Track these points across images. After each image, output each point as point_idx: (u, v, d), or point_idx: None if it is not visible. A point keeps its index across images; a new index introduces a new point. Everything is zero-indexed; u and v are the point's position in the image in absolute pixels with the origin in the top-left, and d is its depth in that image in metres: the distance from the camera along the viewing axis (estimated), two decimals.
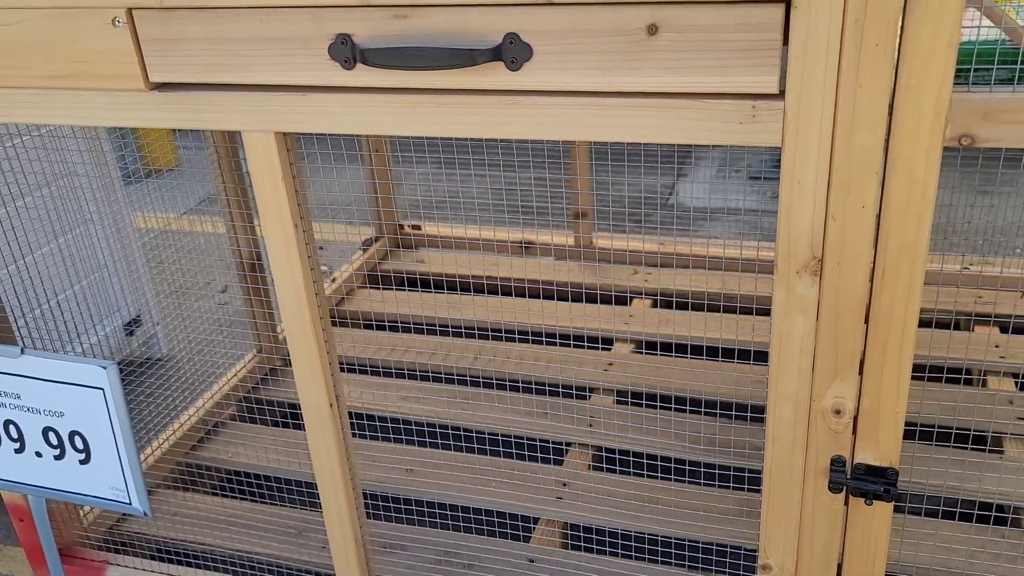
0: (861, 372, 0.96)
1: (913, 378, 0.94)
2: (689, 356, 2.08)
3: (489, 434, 1.89)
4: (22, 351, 1.23)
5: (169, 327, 2.63)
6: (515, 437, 1.88)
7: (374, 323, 2.34)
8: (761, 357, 2.00)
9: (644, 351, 2.16)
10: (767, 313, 0.97)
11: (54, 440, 1.28)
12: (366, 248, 2.64)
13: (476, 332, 2.21)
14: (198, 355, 2.44)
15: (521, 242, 2.60)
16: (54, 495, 1.33)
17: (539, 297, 2.40)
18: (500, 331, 2.23)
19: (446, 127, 0.99)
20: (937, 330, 2.07)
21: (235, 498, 1.78)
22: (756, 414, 1.88)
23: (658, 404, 1.95)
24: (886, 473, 0.99)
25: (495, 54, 0.92)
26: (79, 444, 1.27)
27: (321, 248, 3.25)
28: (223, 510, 1.74)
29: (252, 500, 1.78)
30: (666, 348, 2.14)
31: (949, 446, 1.65)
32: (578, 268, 2.53)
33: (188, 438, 1.90)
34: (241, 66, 1.03)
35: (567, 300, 2.36)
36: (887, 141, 0.85)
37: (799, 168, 0.88)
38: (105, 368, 1.20)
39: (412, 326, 2.34)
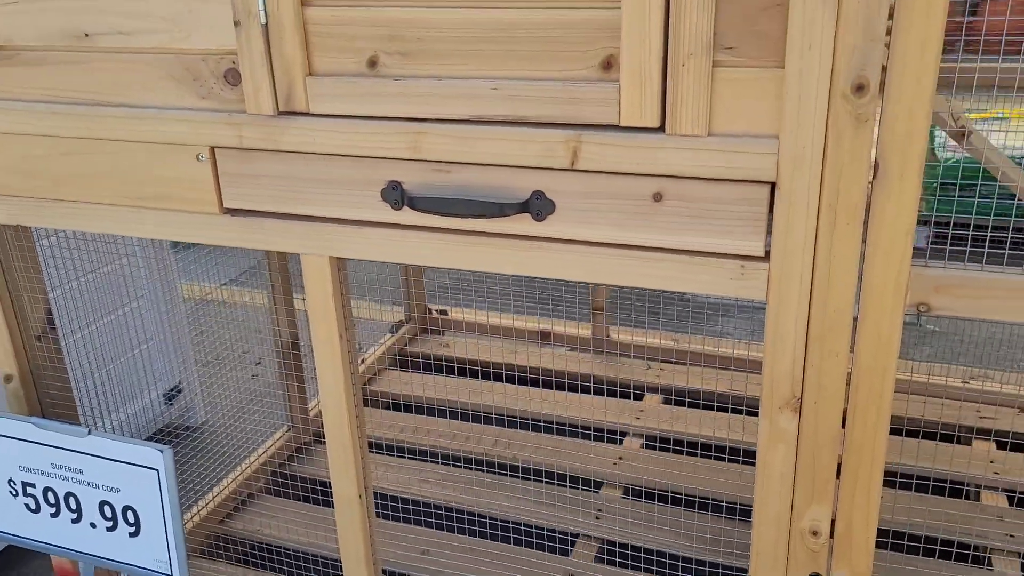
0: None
1: (909, 489, 1.06)
2: (699, 454, 2.18)
3: (501, 521, 2.00)
4: (89, 432, 1.38)
5: (206, 396, 2.78)
6: (526, 525, 1.98)
7: (401, 404, 2.47)
8: None
9: (656, 446, 2.27)
10: None
11: (108, 513, 1.42)
12: (395, 331, 2.79)
13: (495, 418, 2.33)
14: (232, 425, 2.58)
15: (541, 332, 2.73)
16: (102, 563, 1.46)
17: (556, 387, 2.52)
18: (518, 418, 2.35)
19: (477, 262, 1.14)
20: (939, 443, 2.16)
21: (262, 568, 1.89)
22: None
23: (668, 501, 2.05)
24: None
25: (523, 207, 1.08)
26: (131, 518, 1.40)
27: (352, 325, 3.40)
28: None
29: (277, 573, 1.89)
30: (676, 444, 2.24)
31: (936, 559, 1.73)
32: (593, 360, 2.65)
33: (221, 508, 2.03)
34: (305, 200, 1.19)
35: (582, 391, 2.48)
36: (857, 303, 0.98)
37: (781, 320, 1.01)
38: (162, 452, 1.34)
39: (436, 408, 2.47)
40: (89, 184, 1.29)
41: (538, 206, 1.07)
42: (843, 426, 1.05)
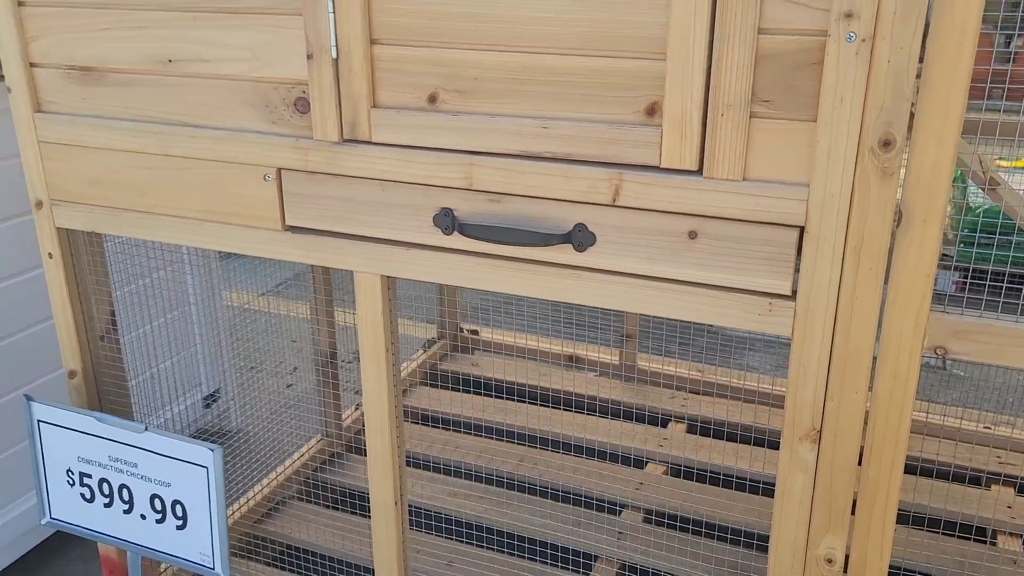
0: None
1: (924, 530, 1.11)
2: (721, 484, 2.22)
3: (526, 538, 2.06)
4: (145, 428, 1.47)
5: (242, 402, 2.87)
6: (548, 544, 2.04)
7: (430, 418, 2.55)
8: None
9: (679, 474, 2.32)
10: None
11: (158, 506, 1.50)
12: (427, 347, 2.87)
13: (523, 437, 2.39)
14: (266, 431, 2.67)
15: (569, 356, 2.80)
16: (149, 553, 1.54)
17: (582, 410, 2.59)
18: (544, 439, 2.41)
19: (520, 287, 1.22)
20: (958, 485, 2.19)
21: (293, 571, 1.97)
22: None
23: (689, 528, 2.10)
24: None
25: (566, 238, 1.15)
26: (179, 512, 1.49)
27: None
28: None
29: (307, 575, 1.97)
30: (698, 472, 2.29)
31: None
32: (620, 386, 2.71)
33: (256, 510, 2.11)
34: (361, 222, 1.28)
35: (607, 416, 2.54)
36: (877, 343, 1.04)
37: (804, 355, 1.08)
38: (212, 451, 1.42)
39: (463, 424, 2.54)
40: (163, 197, 1.39)
41: (580, 237, 1.15)
42: (860, 461, 1.10)
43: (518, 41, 1.12)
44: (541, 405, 2.63)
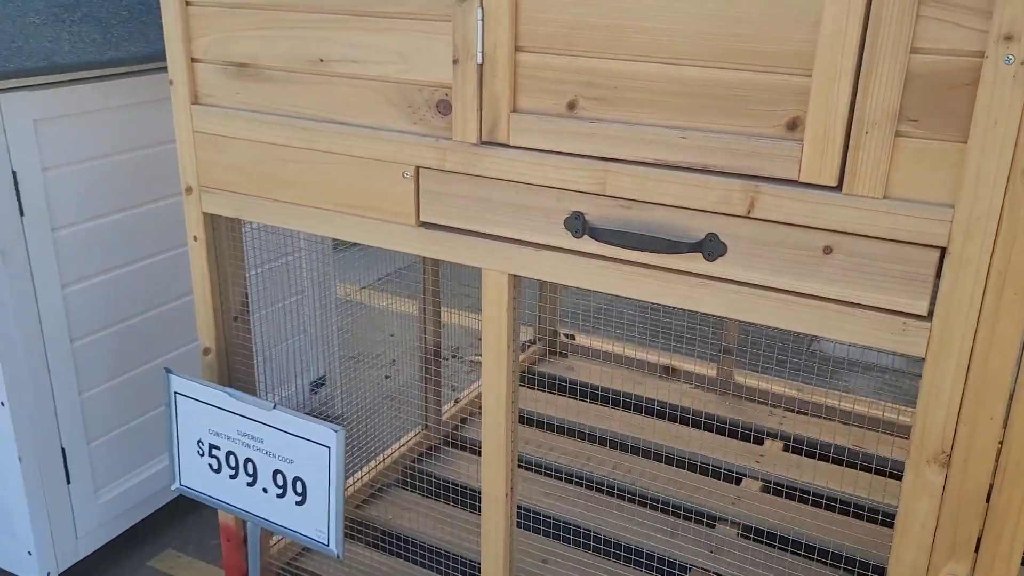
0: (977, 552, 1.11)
1: None
2: (823, 506, 2.19)
3: (618, 542, 2.07)
4: (274, 406, 1.55)
5: (344, 389, 2.98)
6: (644, 551, 2.05)
7: (526, 419, 2.59)
8: (890, 517, 2.10)
9: (774, 491, 2.29)
10: (899, 477, 1.14)
11: (280, 481, 1.58)
12: (524, 348, 2.91)
13: (615, 443, 2.40)
14: (366, 419, 2.76)
15: (665, 367, 2.80)
16: (268, 525, 1.63)
17: (677, 421, 2.58)
18: (636, 447, 2.42)
19: (644, 292, 1.24)
20: None
21: (392, 554, 2.04)
22: (876, 574, 1.97)
23: (788, 547, 2.07)
24: None
25: (696, 247, 1.17)
26: (299, 488, 1.57)
27: (478, 339, 3.56)
28: (381, 564, 2.00)
29: (405, 560, 2.03)
30: (794, 491, 2.26)
31: None
32: (715, 400, 2.69)
33: (358, 494, 2.19)
34: (492, 221, 1.33)
35: (702, 428, 2.53)
36: (1017, 369, 1.03)
37: (938, 378, 1.06)
38: (335, 432, 1.49)
39: (556, 427, 2.57)
40: (305, 189, 1.47)
41: (711, 247, 1.16)
42: (989, 493, 1.08)
43: (659, 52, 1.14)
44: (636, 413, 2.64)
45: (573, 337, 3.02)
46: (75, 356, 1.94)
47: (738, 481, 2.32)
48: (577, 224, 1.25)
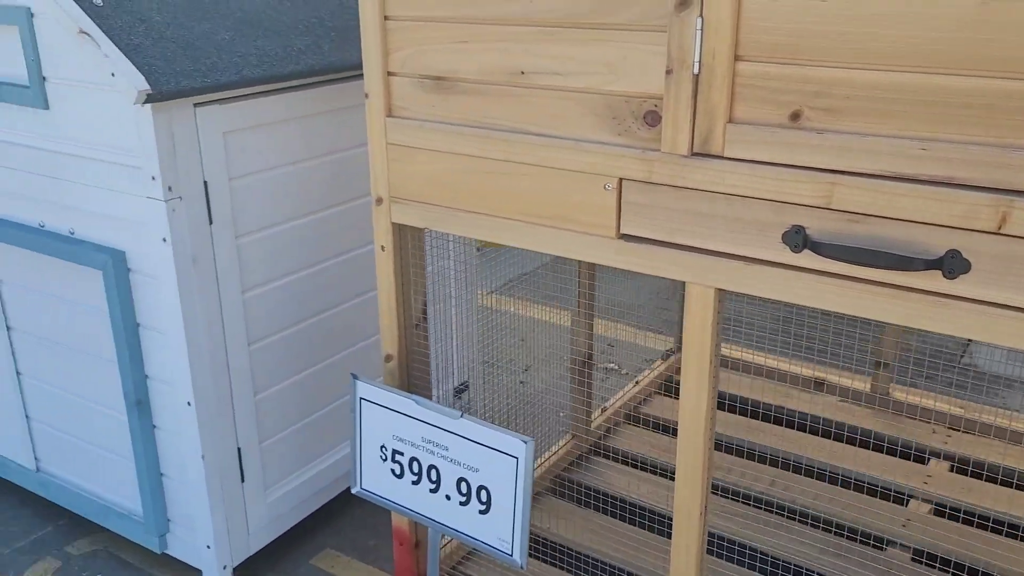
0: None
1: None
2: (1004, 532, 2.07)
3: (781, 561, 2.01)
4: (461, 415, 1.56)
5: (484, 395, 3.00)
6: (806, 570, 1.98)
7: (670, 428, 2.54)
8: None
9: (946, 515, 2.18)
10: None
11: (464, 489, 1.60)
12: (666, 358, 2.87)
13: (759, 458, 2.33)
14: (507, 426, 2.78)
15: (815, 380, 2.70)
16: (449, 532, 1.64)
17: (831, 436, 2.49)
18: (791, 462, 2.34)
19: (871, 310, 1.19)
20: None
21: (546, 563, 2.03)
22: None
23: (965, 574, 1.97)
24: None
25: (935, 264, 1.11)
26: (483, 497, 1.57)
27: (610, 345, 3.53)
28: (542, 572, 1.99)
29: (562, 569, 2.02)
30: (967, 515, 2.14)
31: None
32: (870, 415, 2.58)
33: None
34: (698, 234, 1.30)
35: (858, 445, 2.43)
36: None
37: None
38: (525, 443, 1.49)
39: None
40: (500, 200, 1.48)
41: (952, 264, 1.10)
42: None
43: (899, 61, 1.09)
44: (786, 426, 2.56)
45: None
46: (251, 359, 2.01)
47: (905, 502, 2.22)
48: (797, 238, 1.21)
